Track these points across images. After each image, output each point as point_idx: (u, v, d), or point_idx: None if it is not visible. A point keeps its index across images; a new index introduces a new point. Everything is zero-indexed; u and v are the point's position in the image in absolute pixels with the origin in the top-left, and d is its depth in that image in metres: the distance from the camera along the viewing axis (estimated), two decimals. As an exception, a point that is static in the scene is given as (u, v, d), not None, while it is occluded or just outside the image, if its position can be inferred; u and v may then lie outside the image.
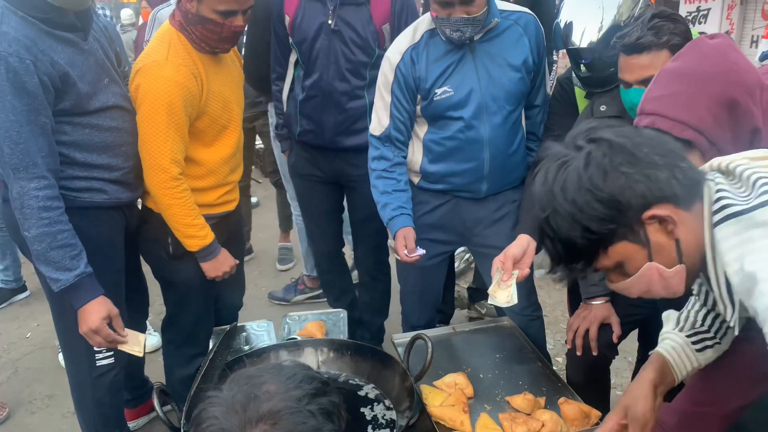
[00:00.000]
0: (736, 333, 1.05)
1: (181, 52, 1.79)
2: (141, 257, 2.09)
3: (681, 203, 0.96)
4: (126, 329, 1.75)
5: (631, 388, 1.26)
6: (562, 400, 1.66)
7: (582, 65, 1.82)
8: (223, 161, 1.96)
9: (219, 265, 1.96)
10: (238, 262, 2.07)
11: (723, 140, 1.21)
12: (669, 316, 1.36)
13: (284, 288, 3.45)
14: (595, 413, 1.62)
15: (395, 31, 2.21)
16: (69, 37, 1.63)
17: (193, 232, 1.88)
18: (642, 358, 2.15)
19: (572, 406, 1.62)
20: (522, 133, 2.01)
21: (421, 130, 2.00)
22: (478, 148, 1.92)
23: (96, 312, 1.66)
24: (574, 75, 1.91)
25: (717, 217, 0.95)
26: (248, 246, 3.85)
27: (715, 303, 1.18)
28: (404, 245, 1.90)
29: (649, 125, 1.24)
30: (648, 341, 2.04)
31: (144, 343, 1.79)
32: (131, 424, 2.24)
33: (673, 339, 1.31)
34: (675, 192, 0.95)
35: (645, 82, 1.49)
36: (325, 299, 3.16)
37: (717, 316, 1.29)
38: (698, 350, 1.29)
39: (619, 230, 0.97)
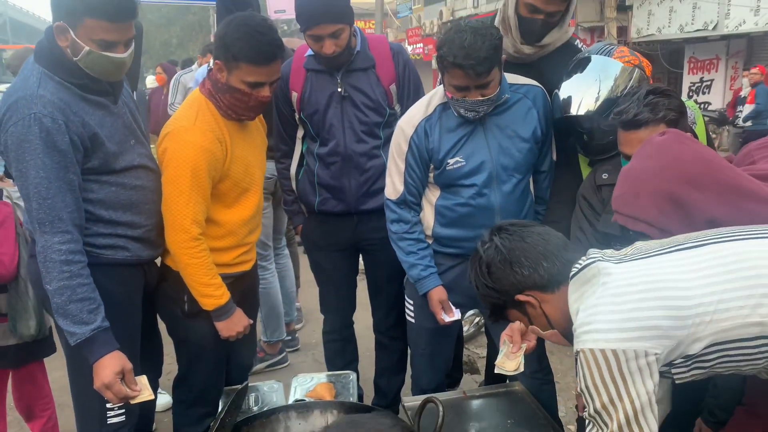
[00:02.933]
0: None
1: (208, 118, 1.89)
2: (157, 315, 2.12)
3: (544, 289, 1.33)
4: (136, 378, 1.75)
5: None
6: None
7: (582, 134, 1.90)
8: (242, 222, 2.02)
9: (233, 324, 1.99)
10: (252, 321, 2.09)
11: (675, 228, 1.32)
12: None
13: None
14: None
15: (401, 90, 2.33)
16: (100, 101, 1.74)
17: (210, 292, 1.92)
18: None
19: None
20: (531, 199, 2.07)
21: (434, 195, 2.07)
22: (489, 215, 1.98)
23: (109, 366, 1.67)
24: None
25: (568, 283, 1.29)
26: (297, 306, 3.78)
27: None
28: (441, 307, 1.99)
29: (614, 221, 1.49)
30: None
31: (147, 383, 1.78)
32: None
33: None
34: (536, 282, 1.33)
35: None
36: (286, 365, 3.25)
37: None
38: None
39: (507, 304, 1.39)
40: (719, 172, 1.29)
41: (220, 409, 1.92)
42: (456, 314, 1.98)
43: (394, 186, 2.09)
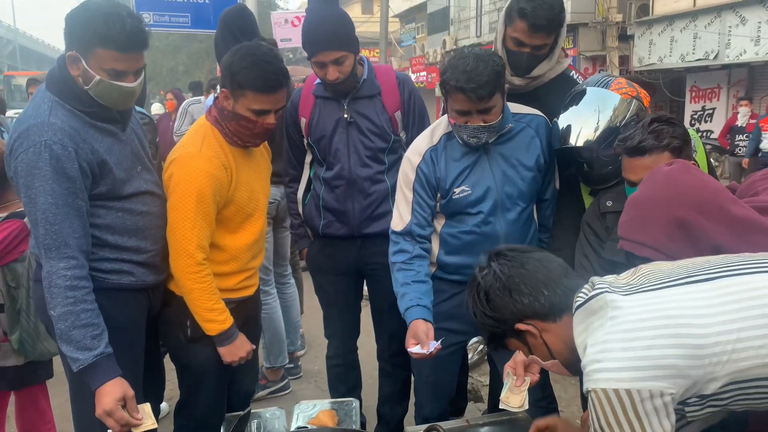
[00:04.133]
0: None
1: (214, 145, 1.92)
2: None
3: (545, 318, 1.30)
4: (138, 406, 1.73)
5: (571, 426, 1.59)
6: None
7: (582, 164, 1.92)
8: (246, 248, 2.03)
9: (236, 350, 1.99)
10: (254, 347, 2.09)
11: (681, 254, 1.31)
12: None
13: None
14: None
15: (406, 117, 2.37)
16: (109, 128, 1.76)
17: (213, 317, 1.92)
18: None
19: None
20: (534, 227, 2.08)
21: (439, 223, 2.09)
22: (494, 242, 1.99)
23: (111, 393, 1.66)
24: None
25: (572, 313, 1.25)
26: (300, 333, 3.76)
27: None
28: (414, 342, 1.91)
29: (620, 247, 1.48)
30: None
31: (150, 412, 1.76)
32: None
33: None
34: (536, 311, 1.30)
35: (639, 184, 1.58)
36: (288, 392, 3.22)
37: None
38: None
39: (506, 333, 1.35)
40: (726, 203, 1.31)
41: (222, 436, 1.90)
42: (431, 348, 1.89)
43: (400, 217, 2.09)
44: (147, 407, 1.76)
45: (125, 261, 1.82)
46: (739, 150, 9.22)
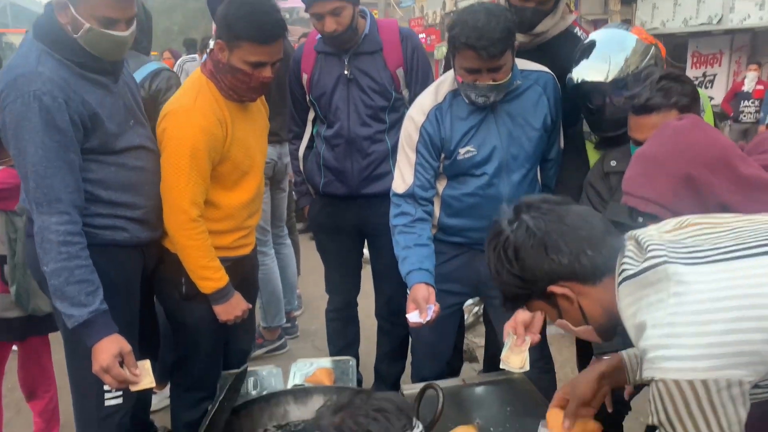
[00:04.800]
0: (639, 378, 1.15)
1: (209, 99, 1.86)
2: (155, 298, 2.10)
3: (584, 280, 1.15)
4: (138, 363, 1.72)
5: (581, 372, 1.48)
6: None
7: (591, 108, 1.86)
8: (242, 206, 2.00)
9: (231, 308, 1.97)
10: (251, 306, 2.07)
11: (688, 211, 1.26)
12: None
13: None
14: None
15: (408, 74, 2.31)
16: (100, 80, 1.71)
17: (208, 274, 1.90)
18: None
19: None
20: (538, 188, 2.05)
21: (440, 184, 2.04)
22: (497, 205, 1.93)
23: (108, 350, 1.64)
24: (585, 124, 1.96)
25: (618, 281, 1.12)
26: (297, 293, 3.78)
27: None
28: (414, 306, 1.88)
29: (624, 202, 1.41)
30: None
31: (150, 369, 1.74)
32: (133, 468, 2.19)
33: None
34: (576, 273, 1.14)
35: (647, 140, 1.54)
36: (285, 350, 3.24)
37: None
38: None
39: (532, 295, 1.20)
40: (735, 161, 1.28)
41: (218, 393, 1.90)
42: (429, 316, 1.85)
43: (402, 179, 2.03)
44: (146, 364, 1.74)
45: (119, 217, 1.79)
46: (744, 116, 9.08)
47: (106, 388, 1.81)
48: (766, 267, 1.00)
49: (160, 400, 2.64)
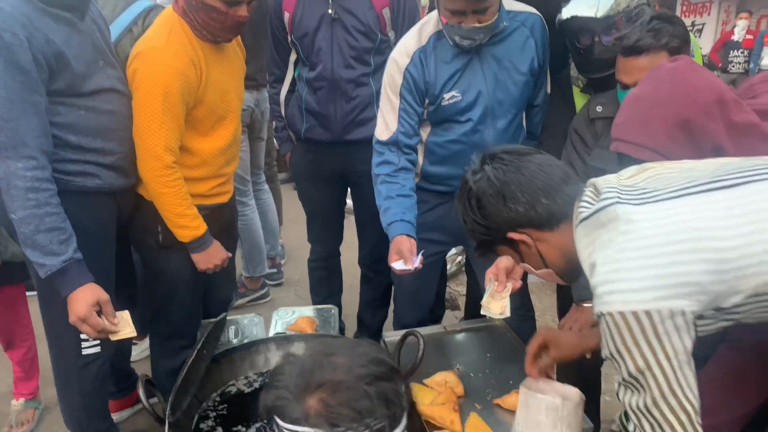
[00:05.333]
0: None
1: (182, 39, 1.77)
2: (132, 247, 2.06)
3: (540, 227, 1.23)
4: (117, 313, 1.69)
5: (572, 334, 1.58)
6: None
7: (579, 48, 1.80)
8: (218, 152, 1.94)
9: (210, 257, 1.94)
10: (230, 255, 2.04)
11: (683, 157, 1.23)
12: None
13: None
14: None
15: (395, 15, 2.22)
16: (66, 17, 1.60)
17: (185, 222, 1.85)
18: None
19: None
20: (523, 135, 2.00)
21: (424, 131, 1.99)
22: (482, 152, 1.91)
23: (83, 299, 1.60)
24: (572, 66, 1.90)
25: (574, 224, 1.17)
26: (280, 243, 3.74)
27: None
28: (396, 257, 1.85)
29: (615, 149, 1.36)
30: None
31: (129, 319, 1.72)
32: (115, 416, 2.20)
33: None
34: (532, 220, 1.23)
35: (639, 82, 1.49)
36: (268, 300, 3.23)
37: None
38: None
39: (497, 241, 1.29)
40: (731, 105, 1.24)
41: (197, 342, 1.88)
42: (415, 263, 1.82)
43: (386, 125, 1.96)
44: (125, 314, 1.71)
45: (90, 163, 1.72)
46: (732, 67, 8.95)
47: (83, 336, 1.79)
48: (710, 202, 1.04)
49: (141, 351, 2.63)
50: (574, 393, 1.37)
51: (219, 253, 1.96)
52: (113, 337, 1.68)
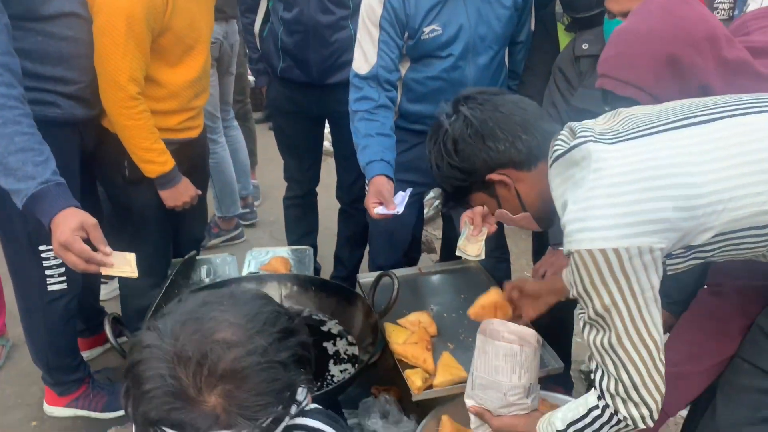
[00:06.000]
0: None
1: None
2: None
3: (520, 166, 1.19)
4: (118, 253, 1.50)
5: (545, 281, 1.58)
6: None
7: None
8: (187, 85, 1.84)
9: (179, 194, 1.87)
10: (200, 192, 1.98)
11: (667, 96, 1.20)
12: None
13: None
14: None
15: None
16: None
17: (152, 157, 1.78)
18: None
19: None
20: (505, 73, 1.94)
21: (403, 67, 1.91)
22: (462, 90, 1.84)
23: (65, 223, 1.39)
24: (558, 2, 1.82)
25: (549, 163, 1.15)
26: (255, 183, 3.65)
27: None
28: (376, 200, 1.78)
29: (600, 86, 1.31)
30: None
31: (134, 262, 1.52)
32: (85, 354, 2.18)
33: None
34: (512, 159, 1.18)
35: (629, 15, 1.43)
36: (242, 240, 3.20)
37: None
38: None
39: (473, 186, 1.24)
40: (722, 41, 1.19)
41: (166, 279, 1.85)
42: (398, 208, 1.77)
43: (365, 58, 1.86)
44: (131, 256, 1.52)
45: (49, 92, 1.63)
46: (718, 13, 8.85)
47: (48, 273, 1.73)
48: (681, 138, 1.02)
49: (111, 290, 2.58)
50: (531, 336, 1.34)
51: (188, 190, 1.90)
52: (106, 271, 1.46)
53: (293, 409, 0.71)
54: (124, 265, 1.49)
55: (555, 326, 1.88)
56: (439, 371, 1.56)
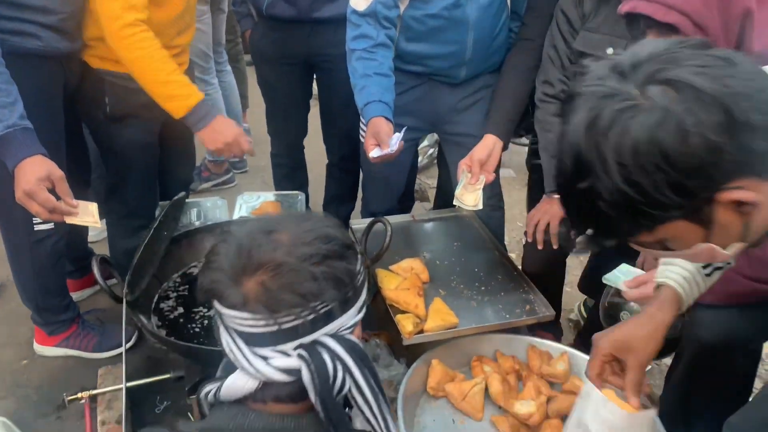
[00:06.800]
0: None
1: None
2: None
3: (761, 173, 0.72)
4: (75, 200, 1.51)
5: (638, 323, 1.06)
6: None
7: None
8: (170, 22, 1.75)
9: (217, 134, 1.68)
10: (241, 131, 1.79)
11: (711, 24, 1.11)
12: None
13: None
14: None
15: None
16: None
17: (172, 91, 1.63)
18: (595, 258, 2.16)
19: None
20: (507, 14, 1.86)
21: (402, 3, 1.82)
22: (463, 30, 1.76)
23: (31, 172, 1.40)
24: None
25: None
26: (246, 127, 3.57)
27: None
28: (374, 142, 1.71)
29: (631, 10, 1.14)
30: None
31: (96, 212, 1.56)
32: (75, 295, 2.16)
33: (684, 266, 1.10)
34: (765, 163, 0.71)
35: None
36: (233, 185, 3.16)
37: None
38: (708, 274, 1.10)
39: (685, 213, 0.73)
40: None
41: (154, 220, 1.81)
42: (392, 146, 1.69)
43: None
44: (93, 206, 1.54)
45: (28, 21, 1.54)
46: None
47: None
48: None
49: (100, 231, 2.53)
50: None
51: (228, 128, 1.69)
52: (69, 220, 1.51)
53: (328, 328, 0.76)
54: (87, 215, 1.53)
55: (547, 275, 1.88)
56: (430, 317, 1.56)
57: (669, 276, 1.10)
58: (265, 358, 0.76)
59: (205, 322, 1.68)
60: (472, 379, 1.48)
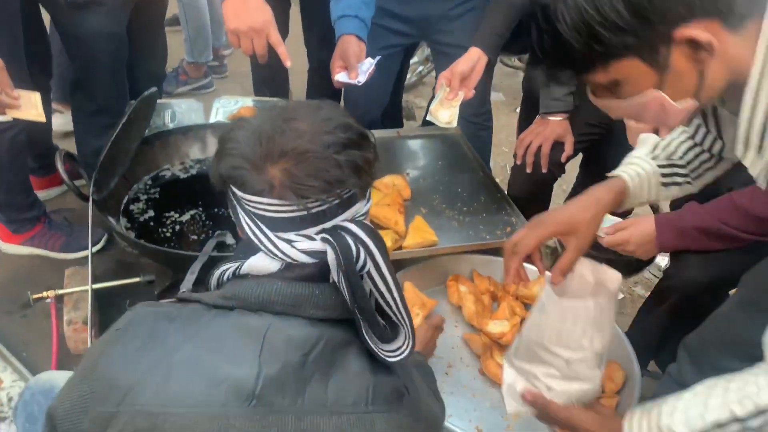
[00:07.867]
0: (762, 186, 0.82)
1: None
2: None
3: (730, 21, 0.74)
4: (16, 90, 1.42)
5: (583, 206, 1.06)
6: None
7: None
8: None
9: (246, 12, 1.36)
10: (274, 23, 1.50)
11: None
12: (646, 140, 1.17)
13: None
14: None
15: None
16: None
17: None
18: (580, 185, 2.13)
19: None
20: None
21: None
22: None
23: None
24: None
25: None
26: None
27: (711, 141, 1.07)
28: (341, 64, 1.58)
29: None
30: (591, 168, 2.01)
31: (40, 103, 1.47)
32: (41, 194, 2.06)
33: (642, 165, 1.11)
34: (730, 5, 0.73)
35: None
36: (211, 90, 3.03)
37: (701, 153, 1.11)
38: (664, 184, 1.12)
39: (635, 45, 0.76)
40: None
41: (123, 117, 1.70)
42: (360, 77, 1.56)
43: None
44: (35, 96, 1.46)
45: None
46: None
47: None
48: None
49: (66, 122, 2.37)
50: (613, 280, 1.03)
51: (261, 10, 1.38)
52: (11, 114, 1.42)
53: (347, 214, 0.77)
54: (30, 108, 1.45)
55: (531, 199, 1.84)
56: (409, 234, 1.52)
57: (623, 170, 1.11)
58: (289, 242, 0.76)
59: (177, 227, 1.62)
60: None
